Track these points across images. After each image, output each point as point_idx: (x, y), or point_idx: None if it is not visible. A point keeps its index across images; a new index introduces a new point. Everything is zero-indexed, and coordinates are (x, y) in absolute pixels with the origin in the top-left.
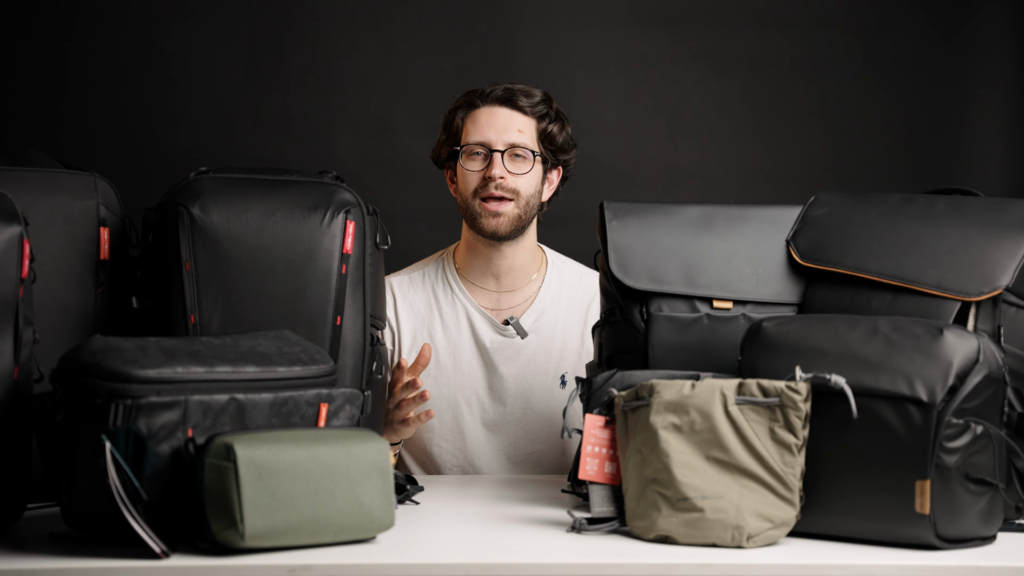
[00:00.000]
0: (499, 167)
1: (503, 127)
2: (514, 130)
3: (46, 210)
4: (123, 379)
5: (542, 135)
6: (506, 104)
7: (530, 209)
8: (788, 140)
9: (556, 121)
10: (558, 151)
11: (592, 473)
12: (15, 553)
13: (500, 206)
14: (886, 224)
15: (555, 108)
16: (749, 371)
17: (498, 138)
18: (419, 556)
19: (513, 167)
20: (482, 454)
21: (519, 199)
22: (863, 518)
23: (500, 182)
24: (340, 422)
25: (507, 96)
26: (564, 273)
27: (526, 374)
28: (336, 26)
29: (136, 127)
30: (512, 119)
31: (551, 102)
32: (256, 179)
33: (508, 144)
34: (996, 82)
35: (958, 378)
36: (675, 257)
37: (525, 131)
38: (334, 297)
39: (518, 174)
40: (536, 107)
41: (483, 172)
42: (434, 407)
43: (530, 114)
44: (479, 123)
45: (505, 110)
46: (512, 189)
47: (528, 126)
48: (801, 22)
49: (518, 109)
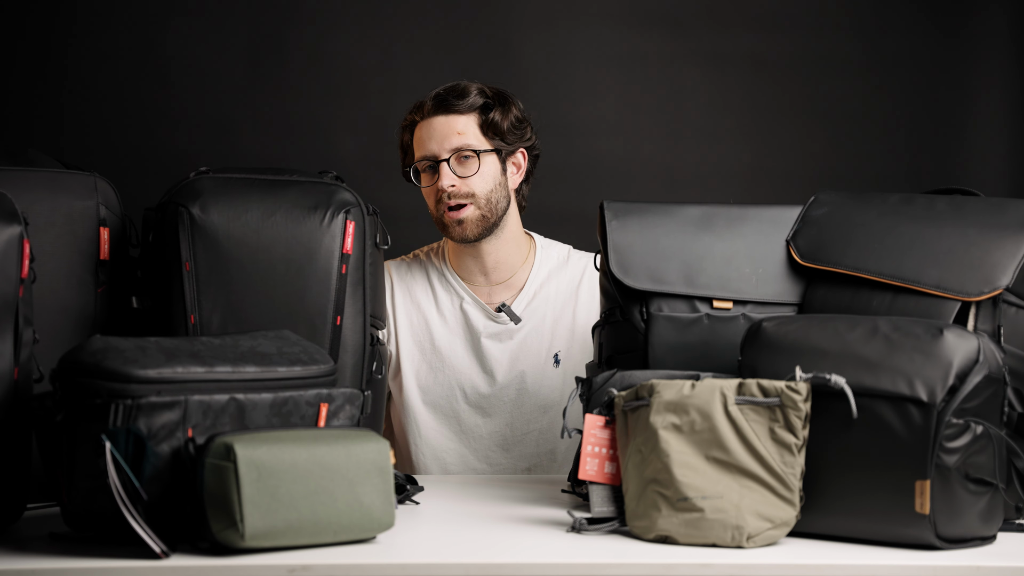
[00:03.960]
0: (447, 176)
1: (443, 135)
2: (453, 134)
3: (46, 210)
4: (123, 379)
5: (485, 127)
6: (440, 111)
7: (493, 205)
8: (788, 140)
9: (497, 107)
10: (507, 136)
11: (592, 473)
12: (15, 553)
13: (459, 213)
14: (886, 224)
15: (493, 94)
16: (749, 371)
17: (440, 147)
18: (419, 556)
19: (461, 170)
20: (477, 439)
21: (477, 200)
22: (863, 518)
23: (451, 191)
24: (340, 422)
25: (439, 103)
26: (551, 255)
27: (519, 356)
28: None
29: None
30: (449, 124)
31: (486, 91)
32: (256, 179)
33: (451, 150)
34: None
35: (958, 378)
36: (675, 257)
37: (466, 131)
38: (334, 297)
39: (467, 176)
40: (470, 101)
41: (435, 185)
42: (430, 394)
43: (466, 111)
44: (421, 138)
45: (440, 117)
46: (466, 193)
47: (468, 124)
48: (801, 22)
49: (453, 111)
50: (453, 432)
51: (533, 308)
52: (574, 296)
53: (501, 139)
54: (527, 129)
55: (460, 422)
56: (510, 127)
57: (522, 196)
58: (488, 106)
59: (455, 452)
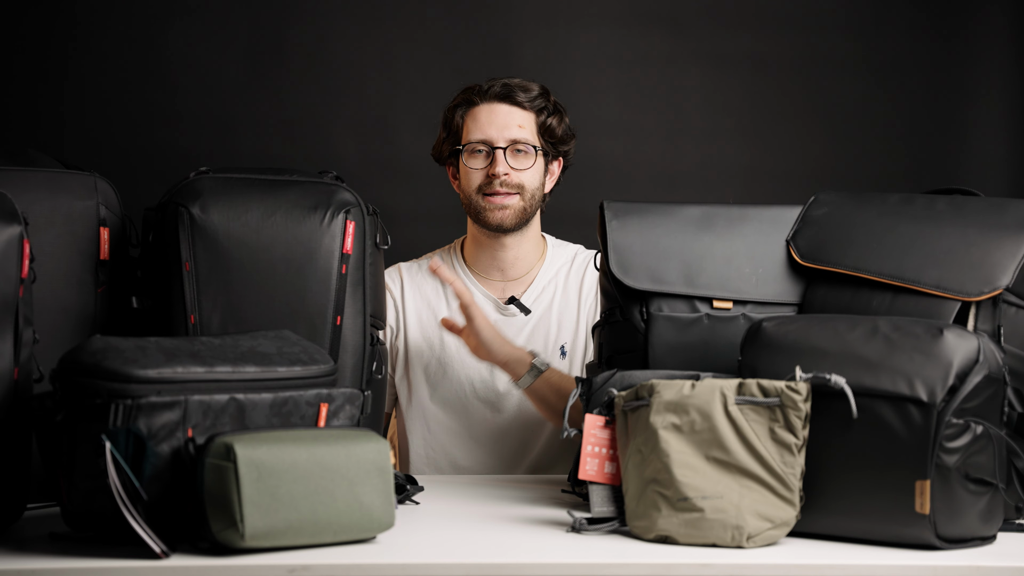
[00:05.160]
0: (502, 164)
1: (504, 123)
2: (514, 126)
3: (46, 210)
4: (123, 379)
5: (542, 128)
6: (505, 100)
7: (534, 202)
8: (788, 140)
9: (555, 114)
10: (558, 143)
11: (592, 473)
12: (15, 553)
13: (505, 199)
14: (886, 224)
15: (552, 100)
16: (749, 371)
17: (499, 135)
18: (419, 556)
19: (516, 163)
20: (487, 431)
21: (524, 193)
22: (863, 518)
23: (505, 179)
24: (340, 422)
25: (505, 92)
26: (560, 254)
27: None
28: (336, 26)
29: (136, 127)
30: (512, 115)
31: (548, 95)
32: (256, 179)
33: (510, 140)
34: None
35: (958, 378)
36: (675, 257)
37: (525, 126)
38: (334, 297)
39: (521, 169)
40: (534, 101)
41: (486, 169)
42: (440, 389)
43: (529, 108)
44: (479, 121)
45: (504, 106)
46: (517, 184)
47: (528, 120)
48: (801, 22)
49: (517, 104)
50: (463, 427)
51: (541, 300)
52: (577, 292)
53: (552, 144)
54: (571, 142)
55: (469, 416)
56: (561, 136)
57: (544, 202)
58: (547, 109)
59: (465, 447)
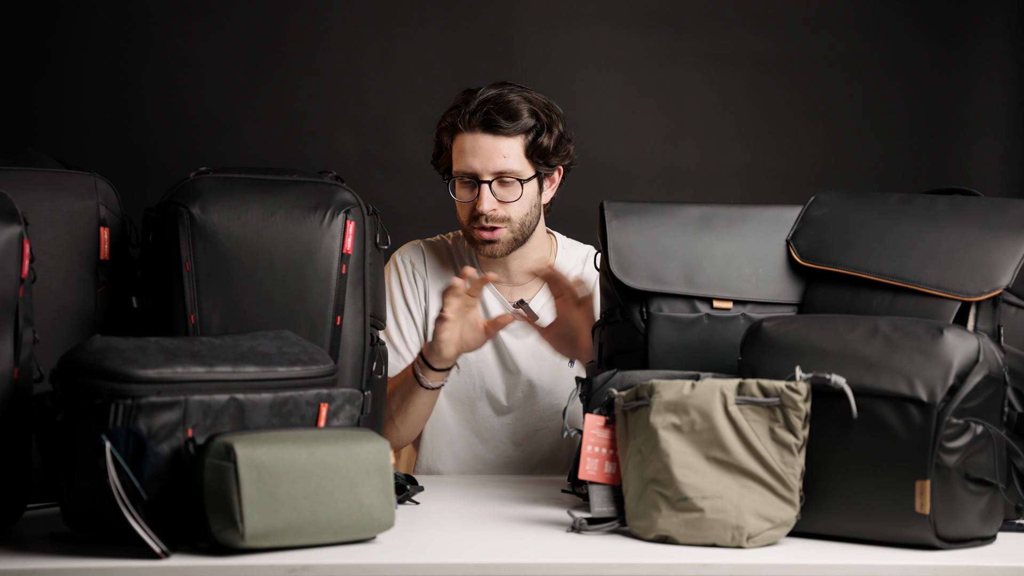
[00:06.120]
0: (487, 200)
1: (488, 156)
2: (499, 157)
3: (46, 210)
4: (123, 379)
5: (530, 151)
6: (488, 129)
7: (527, 227)
8: (788, 140)
9: (545, 131)
10: (551, 158)
11: (592, 473)
12: (15, 553)
13: (494, 234)
14: (886, 224)
15: (543, 116)
16: (749, 371)
17: (483, 168)
18: (419, 556)
19: (502, 194)
20: (490, 429)
21: (512, 223)
22: (863, 518)
23: (491, 214)
24: (340, 422)
25: (487, 121)
26: (572, 256)
27: (536, 353)
28: (336, 26)
29: (136, 127)
30: (496, 146)
31: (537, 112)
32: (256, 179)
33: (494, 173)
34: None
35: (958, 378)
36: (675, 257)
37: (511, 155)
38: (334, 297)
39: (508, 201)
40: (520, 125)
41: (473, 202)
42: (451, 383)
43: (514, 135)
44: (464, 151)
45: (488, 137)
46: (503, 218)
47: (514, 148)
48: (801, 22)
49: (501, 134)
50: (467, 423)
51: (551, 306)
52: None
53: (544, 163)
54: (569, 146)
55: (475, 413)
56: (554, 149)
57: (550, 204)
58: (536, 129)
59: (468, 444)
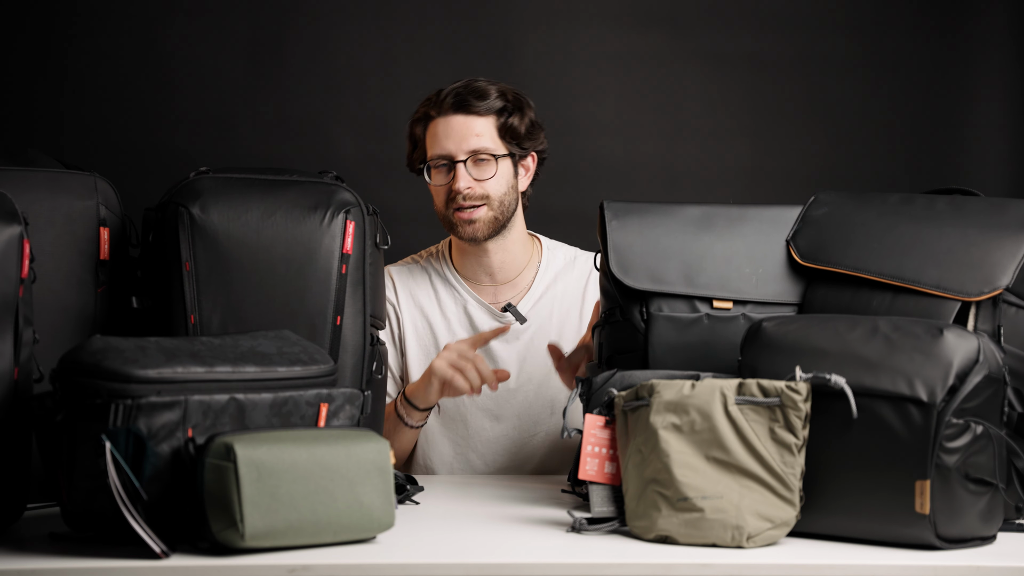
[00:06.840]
0: (463, 178)
1: (461, 135)
2: (472, 136)
3: (46, 210)
4: (123, 379)
5: (502, 131)
6: (460, 110)
7: (506, 207)
8: (788, 140)
9: (515, 112)
10: (523, 140)
11: (592, 473)
12: (15, 553)
13: (473, 213)
14: (886, 224)
15: (513, 98)
16: (749, 371)
17: (457, 147)
18: (419, 556)
19: (478, 173)
20: (484, 441)
21: (491, 202)
22: (863, 518)
23: (467, 192)
24: (340, 422)
25: (459, 102)
26: (558, 257)
27: (527, 357)
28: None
29: (136, 127)
30: (468, 125)
31: (506, 94)
32: (256, 179)
33: (468, 152)
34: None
35: (958, 378)
36: (675, 257)
37: (484, 133)
38: (334, 297)
39: (484, 179)
40: (489, 104)
41: (449, 184)
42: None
43: (486, 113)
44: (437, 135)
45: (460, 117)
46: (481, 195)
47: (486, 127)
48: (801, 22)
49: (473, 112)
50: (460, 436)
51: (539, 308)
52: (580, 297)
53: (517, 144)
54: (540, 134)
55: (467, 426)
56: (526, 132)
57: (527, 197)
58: (507, 110)
59: (462, 457)
